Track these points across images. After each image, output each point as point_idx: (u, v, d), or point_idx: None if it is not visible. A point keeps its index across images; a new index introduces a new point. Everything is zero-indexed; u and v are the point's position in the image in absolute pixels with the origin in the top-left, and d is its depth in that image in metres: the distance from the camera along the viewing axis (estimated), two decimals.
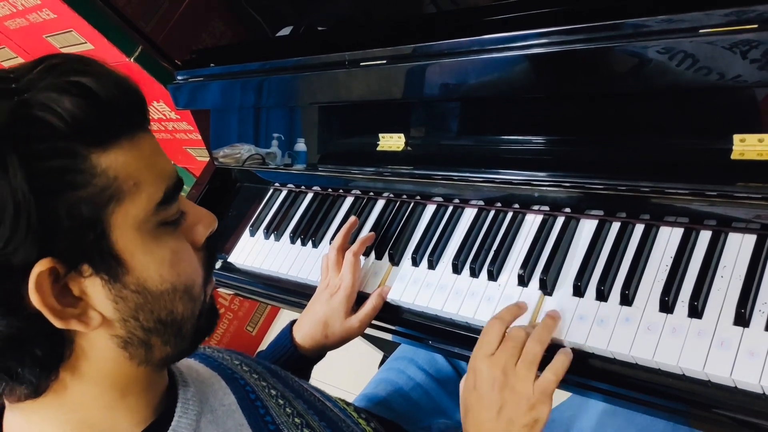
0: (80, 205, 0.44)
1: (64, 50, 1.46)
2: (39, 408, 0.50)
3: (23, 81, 0.45)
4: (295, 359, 0.90)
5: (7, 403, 0.51)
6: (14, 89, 0.44)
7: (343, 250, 0.94)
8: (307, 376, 0.92)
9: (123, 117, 0.47)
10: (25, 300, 0.44)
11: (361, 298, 0.91)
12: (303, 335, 0.90)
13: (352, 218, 0.99)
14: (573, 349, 0.72)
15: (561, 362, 0.69)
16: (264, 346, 2.19)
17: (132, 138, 0.48)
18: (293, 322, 0.93)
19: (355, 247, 0.92)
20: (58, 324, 0.45)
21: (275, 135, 1.11)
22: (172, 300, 0.51)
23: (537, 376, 0.68)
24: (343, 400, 0.78)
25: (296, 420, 0.62)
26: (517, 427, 0.67)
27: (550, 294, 0.77)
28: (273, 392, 0.65)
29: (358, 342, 1.71)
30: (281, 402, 0.63)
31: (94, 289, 0.47)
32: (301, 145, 1.08)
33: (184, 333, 0.53)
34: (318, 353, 0.92)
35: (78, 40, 1.38)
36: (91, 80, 0.46)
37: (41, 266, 0.43)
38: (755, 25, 0.58)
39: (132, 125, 0.48)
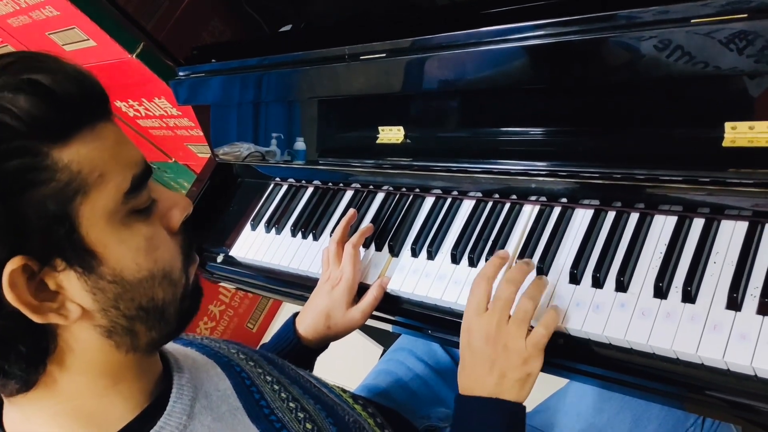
0: (46, 202, 0.44)
1: (67, 47, 1.47)
2: (33, 401, 0.50)
3: None
4: (298, 350, 0.91)
5: (4, 398, 0.52)
6: None
7: (342, 242, 0.95)
8: (311, 369, 0.94)
9: (81, 110, 0.47)
10: (1, 299, 0.44)
11: (362, 289, 0.93)
12: (306, 327, 0.91)
13: (351, 211, 1.00)
14: (570, 336, 0.73)
15: (551, 316, 0.72)
16: (264, 343, 2.21)
17: (93, 129, 0.47)
18: (296, 314, 0.94)
19: (354, 239, 0.94)
20: (36, 319, 0.45)
21: (274, 134, 1.13)
22: (151, 287, 0.51)
23: (529, 333, 0.71)
24: (339, 388, 0.79)
25: (291, 404, 0.62)
26: (510, 380, 0.69)
27: None
28: (268, 378, 0.66)
29: (358, 337, 1.72)
30: (276, 387, 0.64)
31: (70, 282, 0.47)
32: (300, 143, 1.09)
33: (168, 317, 0.53)
34: (321, 344, 0.93)
35: (80, 37, 1.39)
36: (45, 77, 0.45)
37: (13, 264, 0.43)
38: (745, 15, 0.59)
39: (91, 117, 0.48)
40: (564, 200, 0.84)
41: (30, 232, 0.44)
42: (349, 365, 1.50)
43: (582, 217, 0.82)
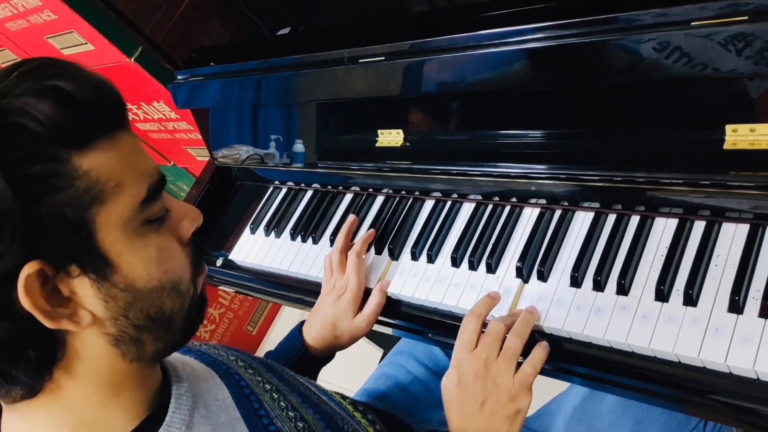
0: (64, 208, 0.45)
1: (65, 51, 1.47)
2: (35, 408, 0.50)
3: (0, 88, 0.45)
4: (306, 360, 0.91)
5: (3, 404, 0.52)
6: None
7: (345, 250, 0.95)
8: (315, 378, 0.93)
9: (101, 118, 0.48)
10: (15, 303, 0.44)
11: (364, 294, 0.92)
12: (313, 337, 0.91)
13: (351, 217, 1.00)
14: (571, 339, 0.73)
15: (538, 355, 0.72)
16: (264, 345, 2.21)
17: (111, 138, 0.48)
18: (302, 323, 0.94)
19: (357, 247, 0.94)
20: (49, 324, 0.46)
21: (273, 137, 1.12)
22: (160, 297, 0.51)
23: (516, 370, 0.71)
24: (339, 395, 0.78)
25: (290, 413, 0.62)
26: (500, 418, 0.69)
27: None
28: (267, 386, 0.65)
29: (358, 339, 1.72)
30: (275, 396, 0.64)
31: (83, 288, 0.47)
32: (299, 145, 1.09)
33: (175, 327, 0.53)
34: (327, 354, 0.93)
35: (79, 40, 1.39)
36: (67, 83, 0.46)
37: (29, 269, 0.44)
38: (746, 17, 0.59)
39: (110, 126, 0.48)
40: (564, 203, 0.84)
41: (47, 237, 0.44)
42: (349, 368, 1.49)
43: (582, 220, 0.81)
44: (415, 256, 0.92)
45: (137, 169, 0.49)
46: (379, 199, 1.04)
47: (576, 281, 0.76)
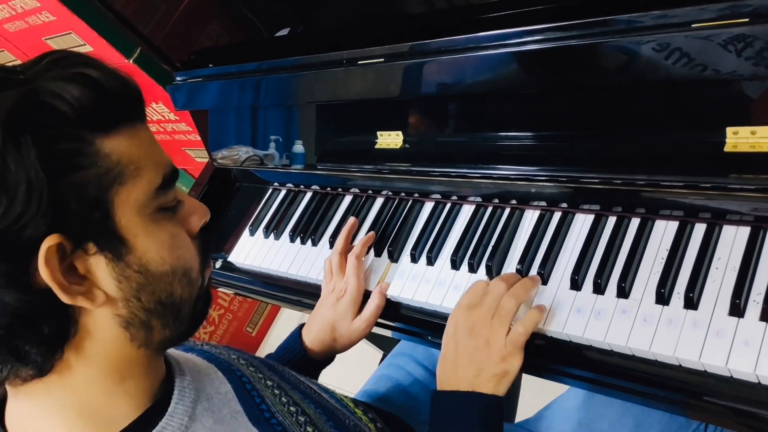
0: (86, 185, 0.47)
1: None
2: (42, 392, 0.51)
3: (30, 72, 0.48)
4: (305, 362, 0.91)
5: (10, 389, 0.53)
6: (23, 79, 0.48)
7: (345, 253, 0.95)
8: (315, 380, 0.93)
9: (124, 107, 0.51)
10: (33, 276, 0.46)
11: (363, 296, 0.92)
12: (312, 339, 0.91)
13: (352, 219, 1.00)
14: (571, 342, 0.73)
15: (531, 316, 0.73)
16: (263, 347, 2.21)
17: (132, 127, 0.51)
18: (302, 326, 0.94)
19: (356, 249, 0.94)
20: (65, 299, 0.47)
21: (273, 137, 1.12)
22: (171, 282, 0.53)
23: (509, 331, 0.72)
24: (340, 393, 0.78)
25: (292, 408, 0.63)
26: (487, 375, 0.71)
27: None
28: (269, 383, 0.66)
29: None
30: (277, 392, 0.65)
31: (99, 267, 0.49)
32: (298, 147, 1.09)
33: (183, 316, 0.55)
34: (327, 356, 0.93)
35: (77, 42, 1.39)
36: (95, 71, 0.49)
37: (50, 241, 0.45)
38: (746, 19, 0.59)
39: (131, 116, 0.51)
40: (564, 205, 0.83)
41: (68, 213, 0.46)
42: (349, 369, 1.49)
43: (582, 223, 0.81)
44: (414, 259, 0.91)
45: (154, 158, 0.52)
46: (379, 201, 1.03)
47: (576, 284, 0.76)
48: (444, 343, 0.76)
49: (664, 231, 0.74)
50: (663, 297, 0.69)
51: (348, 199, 1.08)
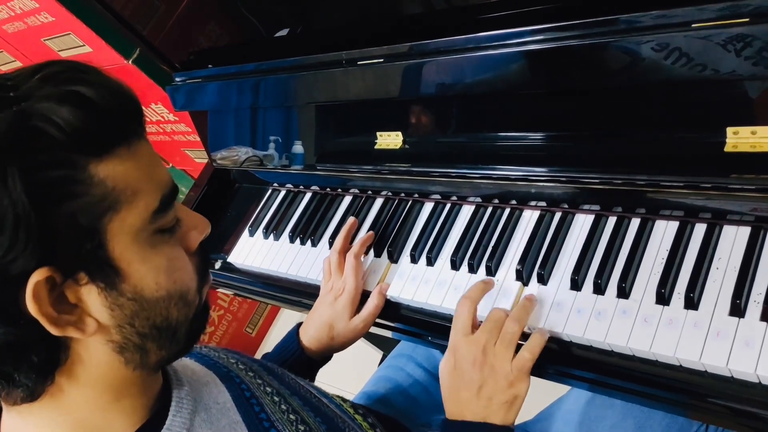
0: (78, 215, 0.45)
1: (63, 53, 1.46)
2: (35, 410, 0.50)
3: (22, 89, 0.45)
4: (302, 361, 0.90)
5: (4, 405, 0.52)
6: (13, 98, 0.45)
7: (344, 252, 0.95)
8: (312, 380, 0.93)
9: (120, 126, 0.48)
10: (22, 308, 0.44)
11: (363, 296, 0.92)
12: (309, 338, 0.91)
13: (351, 219, 1.00)
14: (571, 342, 0.73)
15: (536, 340, 0.72)
16: (263, 347, 2.21)
17: (129, 146, 0.48)
18: (299, 324, 0.94)
19: (355, 249, 0.93)
20: (54, 332, 0.45)
21: (272, 138, 1.12)
22: (167, 306, 0.51)
23: (514, 356, 0.71)
24: (339, 397, 0.78)
25: (291, 416, 0.62)
26: (497, 403, 0.69)
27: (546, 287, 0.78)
28: (268, 389, 0.65)
29: (358, 341, 1.71)
30: (276, 399, 0.64)
31: (90, 296, 0.47)
32: (298, 147, 1.09)
33: (179, 337, 0.53)
34: (324, 355, 0.93)
35: (76, 42, 1.39)
36: (89, 89, 0.46)
37: (38, 275, 0.43)
38: (746, 19, 0.59)
39: (129, 134, 0.48)
40: (564, 205, 0.83)
41: (59, 243, 0.44)
42: (349, 370, 1.49)
43: (583, 223, 0.81)
44: (414, 259, 0.91)
45: (152, 178, 0.49)
46: (378, 202, 1.03)
47: (576, 284, 0.75)
48: (443, 374, 0.74)
49: (664, 231, 0.74)
50: (663, 297, 0.69)
51: (348, 199, 1.08)
